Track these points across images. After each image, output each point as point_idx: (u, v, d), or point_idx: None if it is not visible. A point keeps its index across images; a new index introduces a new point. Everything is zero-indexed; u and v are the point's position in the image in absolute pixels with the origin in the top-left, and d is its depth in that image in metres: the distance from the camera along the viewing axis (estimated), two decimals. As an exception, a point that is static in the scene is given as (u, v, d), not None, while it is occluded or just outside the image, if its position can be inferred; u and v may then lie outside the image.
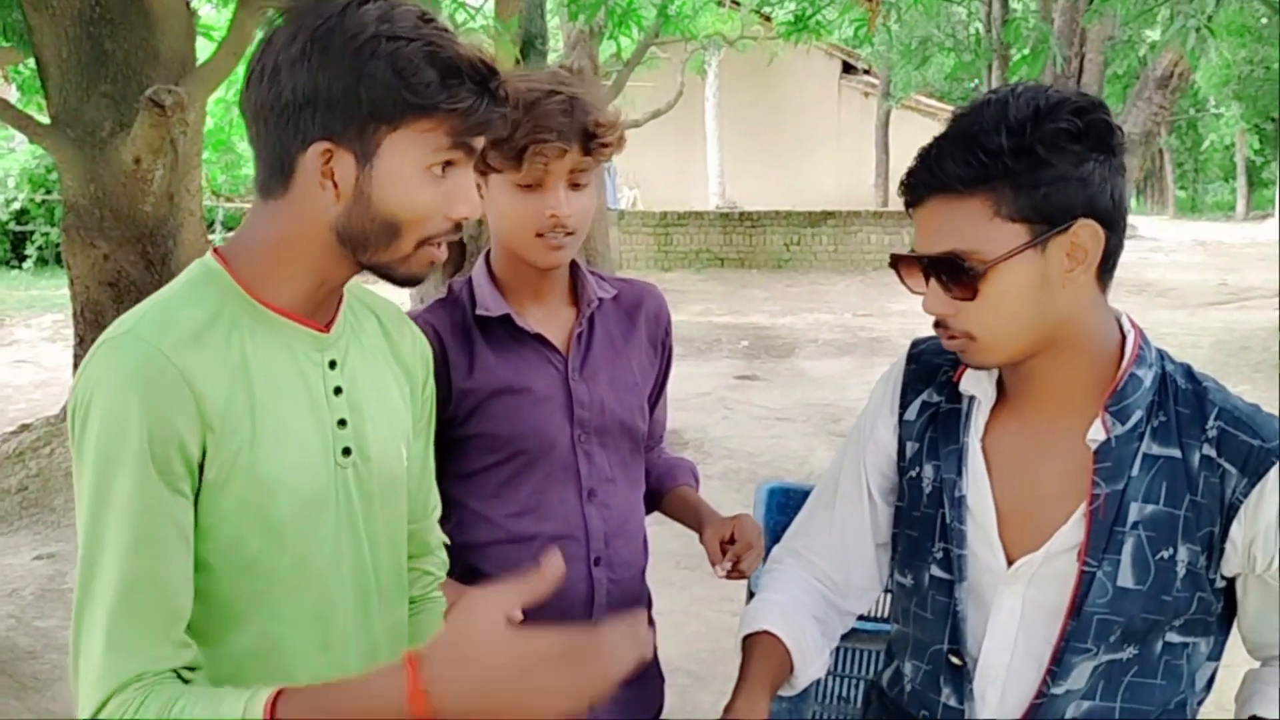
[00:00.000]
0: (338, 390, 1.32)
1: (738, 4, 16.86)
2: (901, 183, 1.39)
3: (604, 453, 1.74)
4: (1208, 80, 23.25)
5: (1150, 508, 1.36)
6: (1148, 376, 1.38)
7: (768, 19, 17.16)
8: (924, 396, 1.52)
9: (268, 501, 1.24)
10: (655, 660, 1.87)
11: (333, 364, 1.32)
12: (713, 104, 22.23)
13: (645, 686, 1.84)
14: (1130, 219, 1.49)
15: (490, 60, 1.23)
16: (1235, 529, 1.34)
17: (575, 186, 1.64)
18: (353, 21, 1.17)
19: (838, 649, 1.93)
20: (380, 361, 1.40)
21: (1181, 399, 1.38)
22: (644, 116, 17.55)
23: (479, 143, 1.26)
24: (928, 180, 1.34)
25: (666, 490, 1.95)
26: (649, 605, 1.86)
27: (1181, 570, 1.36)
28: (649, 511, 1.97)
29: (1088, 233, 1.31)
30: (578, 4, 7.28)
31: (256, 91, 1.21)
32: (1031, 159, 1.28)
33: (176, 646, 1.19)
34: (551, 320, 1.73)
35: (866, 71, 24.30)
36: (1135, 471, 1.36)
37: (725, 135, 22.49)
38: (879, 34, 8.54)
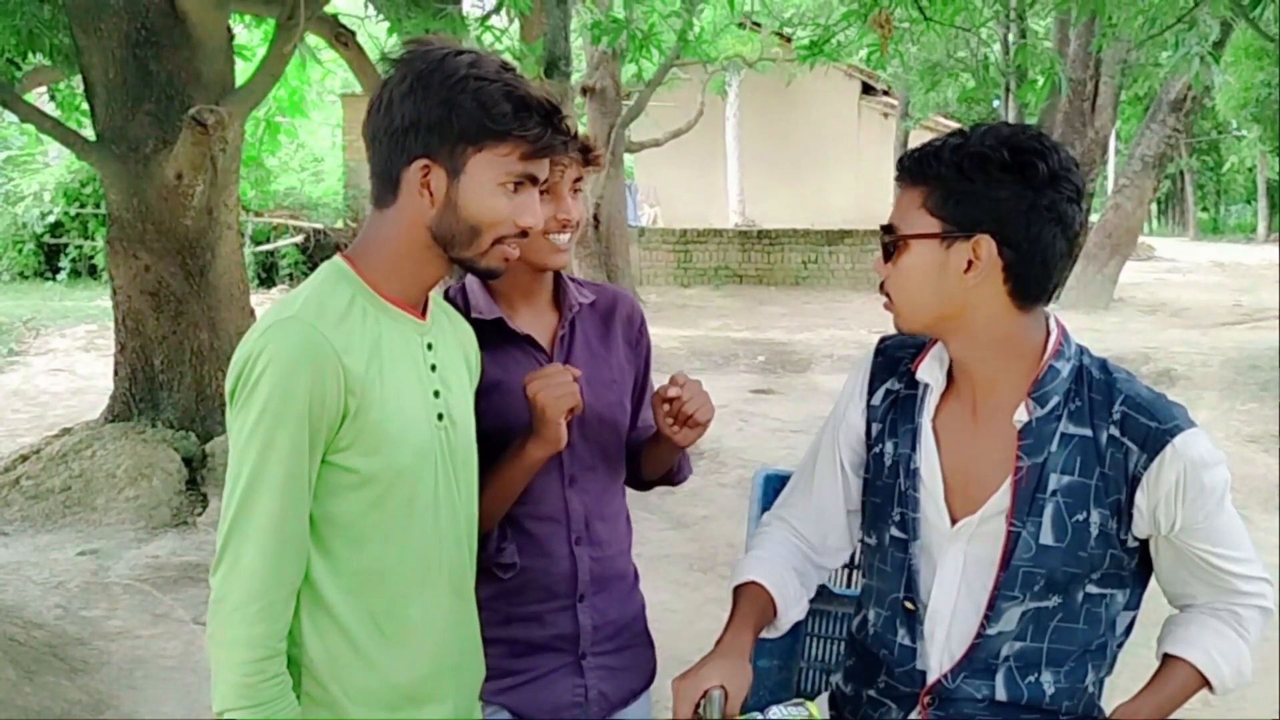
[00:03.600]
0: (433, 367, 1.66)
1: (758, 26, 17.10)
2: None
3: (584, 443, 1.92)
4: (1226, 103, 23.29)
5: (1066, 478, 1.61)
6: (1065, 368, 1.63)
7: (788, 40, 17.34)
8: (887, 384, 1.79)
9: (391, 450, 1.57)
10: (646, 630, 2.08)
11: (430, 345, 1.66)
12: (733, 123, 22.42)
13: (638, 654, 2.05)
14: (1148, 240, 1.72)
15: (555, 99, 1.61)
16: (1139, 497, 1.59)
17: (575, 193, 1.89)
18: (449, 65, 1.53)
19: (820, 614, 2.18)
20: (454, 345, 1.74)
21: (1095, 387, 1.63)
22: (665, 136, 17.79)
23: (543, 169, 1.60)
24: (901, 170, 1.65)
25: (643, 439, 2.03)
26: (636, 580, 2.08)
27: (1095, 531, 1.61)
28: (641, 478, 2.07)
29: (984, 246, 1.56)
30: (600, 28, 7.53)
31: (374, 120, 1.57)
32: (957, 171, 1.56)
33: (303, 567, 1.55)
34: (537, 322, 1.94)
35: (886, 92, 24.47)
36: (1054, 448, 1.62)
37: (745, 154, 22.68)
38: (893, 57, 8.78)
